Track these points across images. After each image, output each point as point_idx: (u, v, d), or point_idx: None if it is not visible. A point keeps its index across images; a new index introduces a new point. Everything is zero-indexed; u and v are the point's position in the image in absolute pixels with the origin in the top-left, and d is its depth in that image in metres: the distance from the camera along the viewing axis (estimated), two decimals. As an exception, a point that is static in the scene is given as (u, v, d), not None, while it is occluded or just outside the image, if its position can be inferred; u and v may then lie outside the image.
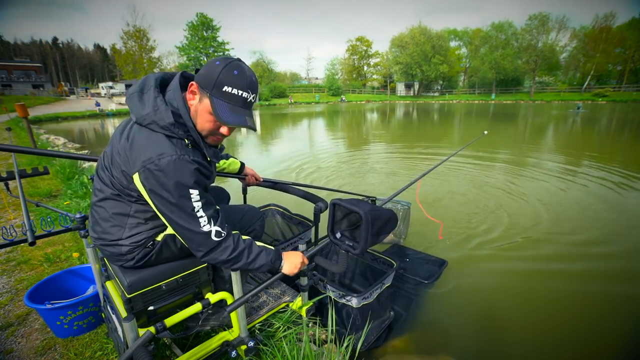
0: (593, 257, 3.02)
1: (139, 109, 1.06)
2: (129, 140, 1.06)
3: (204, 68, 1.08)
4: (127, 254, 1.20)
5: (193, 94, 1.10)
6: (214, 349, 1.38)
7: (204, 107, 1.08)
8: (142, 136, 1.05)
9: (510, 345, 2.07)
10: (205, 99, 1.07)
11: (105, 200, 1.17)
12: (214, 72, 1.04)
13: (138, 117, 1.05)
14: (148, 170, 1.00)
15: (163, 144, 1.03)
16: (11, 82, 42.65)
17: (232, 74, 1.05)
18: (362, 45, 55.14)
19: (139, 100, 1.06)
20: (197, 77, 1.08)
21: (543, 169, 6.33)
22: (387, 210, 1.23)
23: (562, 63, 47.19)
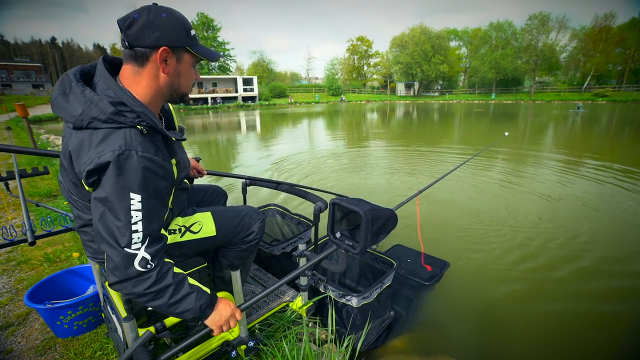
0: (593, 257, 3.02)
1: (70, 112, 0.89)
2: (72, 153, 0.91)
3: (155, 28, 0.92)
4: None
5: (165, 62, 0.97)
6: (214, 349, 1.38)
7: (186, 64, 1.01)
8: (83, 138, 0.89)
9: (511, 346, 2.07)
10: (184, 55, 1.00)
11: (86, 226, 1.11)
12: (172, 24, 0.94)
13: (74, 121, 0.89)
14: (87, 173, 0.86)
15: (106, 140, 0.87)
16: (11, 82, 42.65)
17: (178, 16, 0.97)
18: (363, 45, 55.18)
19: (67, 103, 0.91)
20: (160, 41, 0.93)
21: (544, 169, 6.33)
22: (387, 209, 1.23)
23: (562, 63, 47.22)
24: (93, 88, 0.93)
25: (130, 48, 0.94)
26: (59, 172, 1.08)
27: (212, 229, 1.28)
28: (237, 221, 1.36)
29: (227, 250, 1.41)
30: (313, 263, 1.24)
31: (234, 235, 1.36)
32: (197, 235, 1.25)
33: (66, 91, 0.92)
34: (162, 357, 0.89)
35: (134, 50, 0.94)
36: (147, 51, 0.94)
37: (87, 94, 0.90)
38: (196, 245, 1.27)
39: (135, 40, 0.92)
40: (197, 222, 1.26)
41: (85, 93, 0.90)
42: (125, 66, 0.97)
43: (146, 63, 0.96)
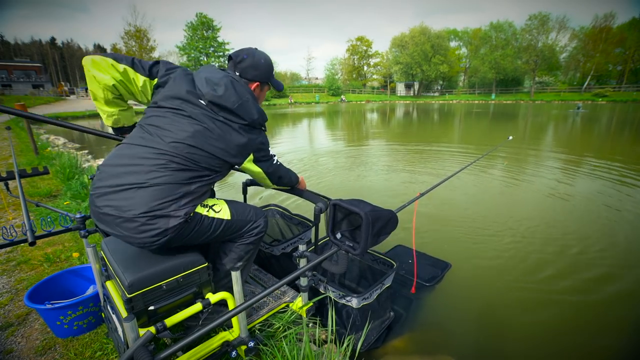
0: (593, 258, 3.02)
1: (249, 116, 1.34)
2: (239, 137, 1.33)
3: (255, 68, 1.45)
4: (170, 230, 1.18)
5: (254, 90, 1.46)
6: (214, 349, 1.38)
7: (264, 92, 1.55)
8: (250, 133, 1.37)
9: (511, 346, 2.07)
10: (265, 87, 1.53)
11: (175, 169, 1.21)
12: (266, 69, 1.48)
13: (250, 122, 1.35)
14: (257, 150, 1.42)
15: (261, 134, 1.44)
16: (11, 82, 42.65)
17: (269, 62, 1.51)
18: (362, 45, 55.15)
19: (246, 108, 1.33)
20: (257, 77, 1.46)
21: (544, 169, 6.33)
22: (388, 210, 1.23)
23: (562, 63, 47.22)
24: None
25: (239, 76, 1.44)
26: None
27: (228, 213, 1.40)
28: (246, 212, 1.48)
29: (237, 244, 1.48)
30: (313, 264, 1.24)
31: (243, 224, 1.46)
32: (217, 215, 1.37)
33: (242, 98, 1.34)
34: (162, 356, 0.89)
35: (241, 78, 1.43)
36: (248, 81, 1.46)
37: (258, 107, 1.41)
38: (214, 226, 1.35)
39: (242, 73, 1.45)
40: (217, 204, 1.40)
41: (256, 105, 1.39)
42: None
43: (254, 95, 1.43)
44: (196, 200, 1.28)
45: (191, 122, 1.26)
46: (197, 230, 1.30)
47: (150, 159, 1.19)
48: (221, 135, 1.29)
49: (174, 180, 1.20)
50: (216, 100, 1.28)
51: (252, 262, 1.68)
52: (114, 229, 1.18)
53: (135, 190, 1.15)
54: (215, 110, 1.30)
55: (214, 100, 1.29)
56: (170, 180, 1.19)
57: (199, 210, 1.31)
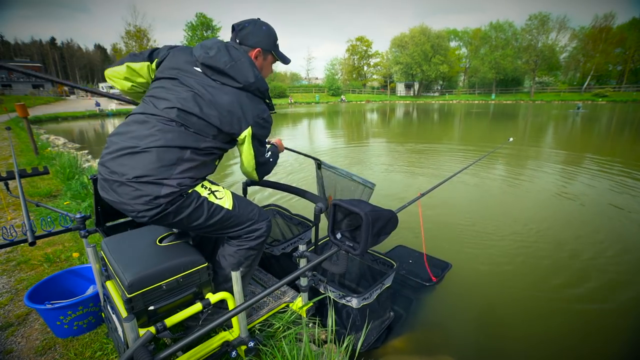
0: (594, 258, 3.02)
1: (244, 78, 1.29)
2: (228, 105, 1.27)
3: (256, 35, 1.40)
4: (162, 198, 1.17)
5: (256, 58, 1.41)
6: (214, 349, 1.38)
7: (268, 63, 1.49)
8: (247, 99, 1.31)
9: (511, 346, 2.07)
10: (268, 56, 1.47)
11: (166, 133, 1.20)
12: (268, 35, 1.43)
13: (245, 85, 1.29)
14: (258, 124, 1.34)
15: (261, 104, 1.37)
16: (11, 82, 42.64)
17: (272, 31, 1.46)
18: (362, 45, 55.14)
19: (240, 69, 1.29)
20: (258, 44, 1.40)
21: (545, 169, 6.33)
22: (388, 210, 1.23)
23: (562, 63, 47.21)
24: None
25: (239, 44, 1.40)
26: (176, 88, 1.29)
27: (230, 203, 1.37)
28: (249, 210, 1.44)
29: (235, 249, 1.44)
30: (313, 264, 1.23)
31: (243, 221, 1.42)
32: (218, 201, 1.34)
33: (235, 59, 1.30)
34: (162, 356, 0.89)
35: (241, 46, 1.40)
36: (248, 48, 1.40)
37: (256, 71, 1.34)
38: (212, 211, 1.31)
39: (243, 40, 1.40)
40: (220, 190, 1.38)
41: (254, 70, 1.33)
42: None
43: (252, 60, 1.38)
44: (192, 172, 1.24)
45: (185, 88, 1.27)
46: (193, 210, 1.26)
47: (145, 125, 1.22)
48: (212, 100, 1.25)
49: (166, 144, 1.19)
50: (208, 62, 1.28)
51: (254, 268, 1.62)
52: (111, 195, 1.21)
53: (131, 155, 1.18)
54: (208, 73, 1.29)
55: (205, 62, 1.28)
56: (162, 144, 1.18)
57: (198, 189, 1.29)
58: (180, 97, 1.24)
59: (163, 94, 1.27)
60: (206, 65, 1.28)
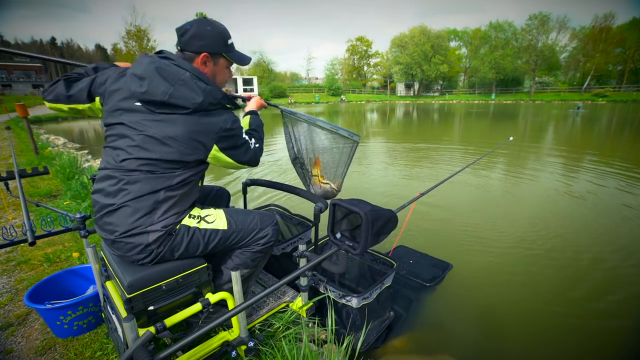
0: (595, 259, 3.02)
1: (190, 100, 1.14)
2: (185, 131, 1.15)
3: (200, 38, 1.23)
4: (153, 244, 1.18)
5: (204, 64, 1.27)
6: (214, 349, 1.38)
7: (221, 67, 1.33)
8: (203, 119, 1.18)
9: (511, 346, 2.07)
10: (219, 60, 1.31)
11: (134, 184, 1.16)
12: (215, 36, 1.26)
13: (193, 107, 1.14)
14: (224, 138, 1.22)
15: (220, 115, 1.22)
16: (11, 82, 42.62)
17: (220, 30, 1.29)
18: (362, 45, 55.18)
19: (181, 94, 1.13)
20: (203, 48, 1.25)
21: (546, 169, 6.33)
22: (387, 210, 1.23)
23: (562, 63, 47.22)
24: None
25: (182, 52, 1.26)
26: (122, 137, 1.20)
27: (224, 223, 1.34)
28: (248, 221, 1.40)
29: (242, 252, 1.43)
30: (313, 264, 1.24)
31: (246, 234, 1.39)
32: (211, 225, 1.31)
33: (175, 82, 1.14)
34: (162, 356, 0.89)
35: (184, 53, 1.26)
36: (193, 55, 1.26)
37: (202, 85, 1.18)
38: (208, 237, 1.30)
39: (185, 46, 1.25)
40: (211, 214, 1.34)
41: (198, 84, 1.17)
42: None
43: (192, 63, 1.26)
44: (174, 209, 1.22)
45: (135, 132, 1.16)
46: (188, 244, 1.26)
47: (112, 180, 1.18)
48: (165, 137, 1.15)
49: (138, 195, 1.16)
50: (144, 98, 1.14)
51: (260, 270, 1.60)
52: (113, 250, 1.25)
53: (111, 213, 1.19)
54: (151, 108, 1.16)
55: (142, 99, 1.15)
56: (134, 196, 1.16)
57: (186, 222, 1.26)
58: (133, 145, 1.16)
59: (117, 143, 1.19)
60: (144, 101, 1.15)
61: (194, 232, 1.27)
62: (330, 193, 1.97)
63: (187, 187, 1.25)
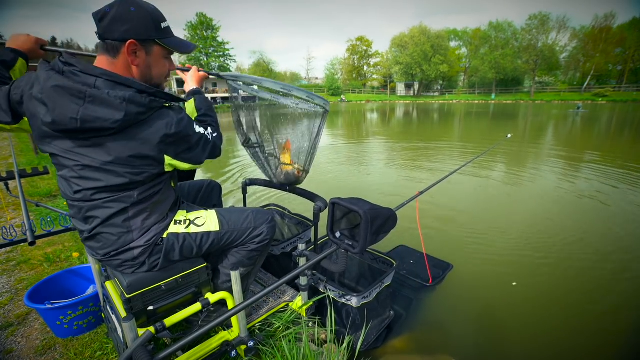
0: (594, 259, 3.02)
1: (109, 118, 0.91)
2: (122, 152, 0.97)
3: (123, 21, 0.97)
4: (140, 257, 1.16)
5: (134, 54, 1.02)
6: (214, 349, 1.38)
7: (156, 56, 1.08)
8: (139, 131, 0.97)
9: (511, 347, 2.07)
10: (153, 47, 1.06)
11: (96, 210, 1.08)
12: (142, 18, 0.99)
13: (118, 125, 0.93)
14: (171, 144, 1.03)
15: (157, 117, 1.00)
16: (11, 83, 42.63)
17: (149, 10, 1.02)
18: (362, 45, 55.22)
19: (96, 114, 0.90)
20: (128, 34, 0.98)
21: (546, 169, 6.33)
22: (387, 209, 1.23)
23: (562, 63, 47.23)
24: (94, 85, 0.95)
25: (102, 40, 1.00)
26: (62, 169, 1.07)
27: (216, 224, 1.30)
28: (241, 220, 1.36)
29: (238, 250, 1.40)
30: (313, 263, 1.24)
31: (240, 234, 1.35)
32: (201, 228, 1.27)
33: (86, 98, 0.90)
34: (161, 356, 0.89)
35: (106, 42, 1.00)
36: (117, 44, 0.99)
37: (118, 94, 0.92)
38: (200, 241, 1.27)
39: (106, 33, 0.98)
40: (201, 216, 1.30)
41: (112, 96, 0.91)
42: (99, 57, 1.03)
43: (118, 55, 1.01)
44: (150, 219, 1.15)
45: (71, 162, 1.00)
46: (181, 249, 1.23)
47: (76, 209, 1.10)
48: (104, 162, 0.98)
49: (107, 218, 1.08)
50: (54, 129, 0.93)
51: (258, 269, 1.59)
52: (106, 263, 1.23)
53: (89, 239, 1.16)
54: (73, 138, 0.96)
55: (52, 129, 0.94)
56: (102, 220, 1.09)
57: (173, 229, 1.21)
58: (76, 177, 1.02)
59: (63, 173, 1.05)
60: (57, 131, 0.94)
61: (184, 238, 1.23)
62: (294, 177, 1.74)
63: (156, 196, 1.15)
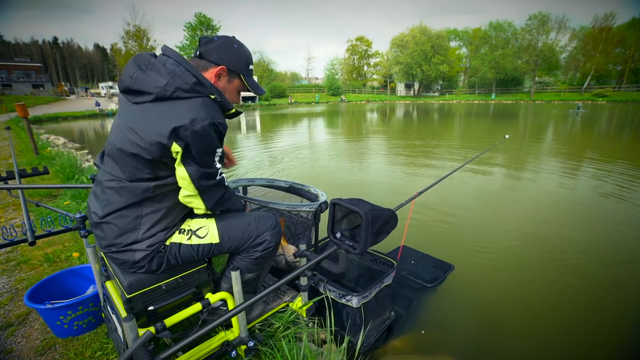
0: (596, 259, 3.02)
1: (154, 83, 1.02)
2: (148, 118, 1.03)
3: (225, 51, 1.16)
4: (141, 261, 1.16)
5: (219, 77, 1.18)
6: (214, 349, 1.38)
7: (233, 87, 1.24)
8: (166, 108, 1.03)
9: (511, 346, 2.07)
10: (235, 80, 1.23)
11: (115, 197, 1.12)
12: (238, 55, 1.19)
13: (158, 91, 1.02)
14: (184, 136, 1.01)
15: (194, 108, 1.03)
16: (11, 82, 42.62)
17: (247, 52, 1.22)
18: (362, 45, 55.16)
19: (148, 77, 1.03)
20: (222, 61, 1.16)
21: (546, 169, 6.33)
22: (388, 209, 1.23)
23: (562, 63, 47.20)
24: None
25: (199, 57, 1.18)
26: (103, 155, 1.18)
27: (216, 236, 1.26)
28: (242, 229, 1.31)
29: (242, 257, 1.36)
30: (313, 263, 1.23)
31: (242, 243, 1.31)
32: (202, 240, 1.25)
33: (143, 67, 1.05)
34: (162, 356, 0.89)
35: (201, 60, 1.17)
36: (210, 64, 1.17)
37: (170, 66, 1.05)
38: (201, 252, 1.26)
39: (206, 53, 1.16)
40: (203, 226, 1.27)
41: (166, 65, 1.05)
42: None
43: (205, 72, 1.17)
44: (160, 225, 1.16)
45: (118, 120, 1.12)
46: (181, 258, 1.22)
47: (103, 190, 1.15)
48: (127, 127, 1.05)
49: (123, 208, 1.11)
50: (121, 88, 1.09)
51: (267, 271, 1.53)
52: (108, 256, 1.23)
53: (99, 225, 1.16)
54: (129, 99, 1.09)
55: (121, 91, 1.09)
56: (117, 210, 1.11)
57: (175, 239, 1.21)
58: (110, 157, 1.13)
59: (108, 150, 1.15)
60: (122, 91, 1.10)
61: (185, 249, 1.22)
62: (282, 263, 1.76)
63: (170, 200, 1.16)
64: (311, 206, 1.66)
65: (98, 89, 43.28)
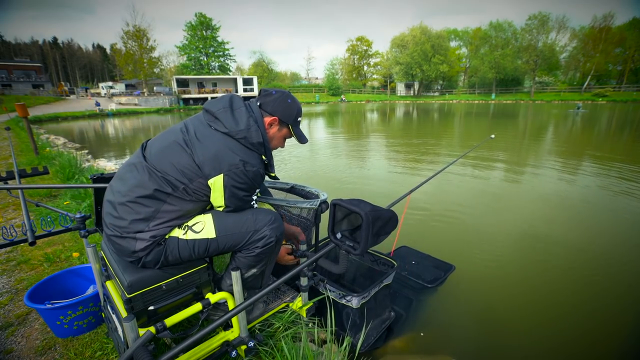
0: (594, 259, 3.02)
1: (232, 124, 1.25)
2: (210, 147, 1.22)
3: (279, 104, 1.38)
4: (140, 252, 1.19)
5: (270, 125, 1.39)
6: (214, 349, 1.38)
7: (282, 134, 1.44)
8: (230, 145, 1.24)
9: (511, 346, 2.07)
10: (284, 129, 1.43)
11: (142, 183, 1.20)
12: (290, 109, 1.40)
13: (231, 131, 1.24)
14: (234, 173, 1.22)
15: (249, 155, 1.26)
16: (11, 82, 42.59)
17: (298, 106, 1.43)
18: (362, 45, 55.15)
19: (232, 116, 1.27)
20: (276, 112, 1.38)
21: (546, 169, 6.33)
22: (388, 210, 1.23)
23: (562, 63, 47.19)
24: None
25: (259, 106, 1.39)
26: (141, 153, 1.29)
27: (212, 231, 1.26)
28: (240, 224, 1.29)
29: (243, 255, 1.35)
30: (311, 260, 1.23)
31: (240, 238, 1.30)
32: (198, 235, 1.25)
33: (234, 107, 1.31)
34: (162, 357, 0.89)
35: (260, 108, 1.39)
36: (266, 113, 1.38)
37: (251, 121, 1.29)
38: (197, 248, 1.25)
39: (264, 105, 1.39)
40: (199, 221, 1.27)
41: (249, 120, 1.29)
42: None
43: (261, 120, 1.36)
44: (170, 222, 1.23)
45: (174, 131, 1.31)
46: (178, 253, 1.24)
47: (143, 168, 1.23)
48: (197, 141, 1.24)
49: (149, 193, 1.19)
50: (206, 107, 1.33)
51: (272, 267, 1.51)
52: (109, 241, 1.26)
53: (120, 205, 1.20)
54: (206, 118, 1.31)
55: (205, 107, 1.33)
56: (145, 194, 1.19)
57: (175, 233, 1.25)
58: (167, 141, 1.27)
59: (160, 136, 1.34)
60: (205, 110, 1.34)
61: (182, 244, 1.24)
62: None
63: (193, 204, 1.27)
64: (312, 202, 1.66)
65: (98, 89, 43.24)
